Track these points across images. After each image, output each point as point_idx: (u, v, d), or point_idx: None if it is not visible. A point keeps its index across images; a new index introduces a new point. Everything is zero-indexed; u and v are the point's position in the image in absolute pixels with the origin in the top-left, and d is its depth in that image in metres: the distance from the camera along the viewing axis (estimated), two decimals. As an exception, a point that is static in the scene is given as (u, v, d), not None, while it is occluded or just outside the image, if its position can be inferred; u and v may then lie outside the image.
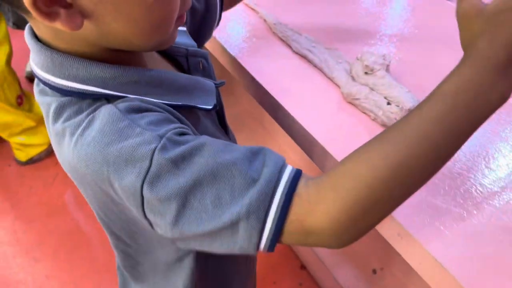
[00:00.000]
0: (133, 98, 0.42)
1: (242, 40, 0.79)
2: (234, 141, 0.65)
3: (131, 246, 0.52)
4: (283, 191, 0.37)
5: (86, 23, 0.37)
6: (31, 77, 1.90)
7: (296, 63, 0.74)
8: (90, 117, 0.40)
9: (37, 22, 0.40)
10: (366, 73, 0.64)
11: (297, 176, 0.38)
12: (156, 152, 0.37)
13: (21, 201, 1.57)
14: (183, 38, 0.56)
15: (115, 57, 0.43)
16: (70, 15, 0.36)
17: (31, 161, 1.63)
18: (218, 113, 0.58)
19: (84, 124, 0.40)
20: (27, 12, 0.36)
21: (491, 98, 0.36)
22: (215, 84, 0.52)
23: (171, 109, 0.44)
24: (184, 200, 0.37)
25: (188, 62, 0.54)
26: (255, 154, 0.40)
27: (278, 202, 0.37)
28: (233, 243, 0.38)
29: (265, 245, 0.38)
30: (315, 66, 0.72)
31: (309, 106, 0.65)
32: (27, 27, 0.43)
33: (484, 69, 0.36)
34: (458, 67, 0.37)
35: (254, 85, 0.71)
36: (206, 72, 0.57)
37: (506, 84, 0.36)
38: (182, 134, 0.40)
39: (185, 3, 0.43)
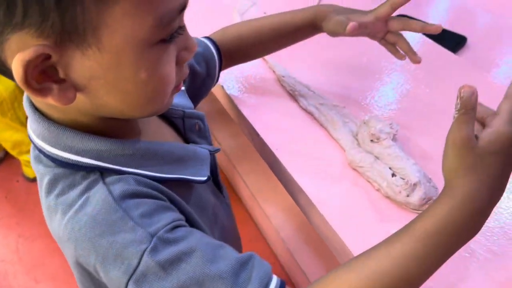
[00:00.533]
0: (128, 178, 0.41)
1: (247, 89, 0.79)
2: (228, 198, 0.64)
3: None
4: None
5: (79, 95, 0.37)
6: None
7: (302, 120, 0.73)
8: (83, 198, 0.39)
9: None
10: (371, 140, 0.63)
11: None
12: (146, 253, 0.37)
13: (26, 218, 1.58)
14: (180, 98, 0.56)
15: (109, 125, 0.43)
16: (63, 89, 0.35)
17: None
18: (212, 174, 0.57)
19: (76, 206, 0.39)
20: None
21: (469, 237, 0.38)
22: (210, 151, 0.52)
23: (164, 188, 0.43)
24: None
25: (184, 124, 0.54)
26: (243, 265, 0.39)
27: None
28: None
29: None
30: (321, 125, 0.71)
31: (311, 168, 0.64)
32: (24, 95, 0.43)
33: (470, 213, 0.37)
34: (441, 204, 0.38)
35: (257, 138, 0.70)
36: (202, 134, 0.57)
37: (483, 222, 0.38)
38: (175, 227, 0.39)
39: (182, 74, 0.43)
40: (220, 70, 0.68)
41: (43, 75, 0.34)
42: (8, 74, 0.35)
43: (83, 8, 0.31)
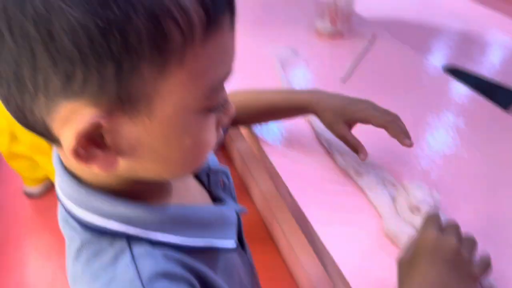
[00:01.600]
0: (156, 253, 0.40)
1: (282, 142, 0.77)
2: (250, 256, 0.61)
3: None
4: None
5: (121, 160, 0.36)
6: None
7: (337, 179, 0.70)
8: (110, 274, 0.38)
9: (64, 152, 0.38)
10: (411, 210, 0.59)
11: None
12: None
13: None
14: None
15: (141, 188, 0.42)
16: (108, 156, 0.35)
17: None
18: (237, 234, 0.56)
19: (103, 280, 0.38)
20: (58, 144, 0.35)
21: None
22: (237, 213, 0.51)
23: (191, 262, 0.41)
24: None
25: (210, 179, 0.54)
26: None
27: None
28: None
29: None
30: (358, 186, 0.68)
31: (343, 234, 0.61)
32: (56, 153, 0.43)
33: None
34: None
35: (289, 197, 0.68)
36: (227, 189, 0.55)
37: None
38: None
39: (219, 136, 0.42)
40: (227, 130, 0.69)
41: (90, 141, 0.33)
42: (50, 139, 0.35)
43: (140, 79, 0.31)
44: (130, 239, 0.40)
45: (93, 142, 0.34)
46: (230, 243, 0.47)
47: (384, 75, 0.97)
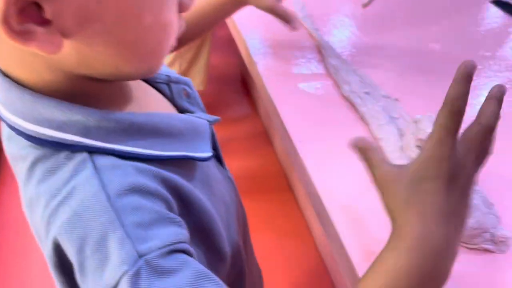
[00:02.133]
0: (126, 166, 0.34)
1: (283, 64, 0.68)
2: (229, 172, 0.55)
3: None
4: None
5: (66, 46, 0.30)
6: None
7: (339, 110, 0.60)
8: (69, 187, 0.33)
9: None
10: (418, 146, 0.49)
11: None
12: (125, 278, 0.30)
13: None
14: None
15: (97, 91, 0.36)
16: (48, 34, 0.28)
17: None
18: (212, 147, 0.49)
19: (60, 197, 0.33)
20: None
21: (439, 279, 0.33)
22: (209, 121, 0.45)
23: (167, 175, 0.36)
24: None
25: (171, 89, 0.47)
26: None
27: None
28: None
29: None
30: (362, 118, 0.58)
31: (337, 171, 0.52)
32: None
33: (423, 257, 0.32)
34: (388, 252, 0.33)
35: (283, 132, 0.60)
36: (192, 100, 0.49)
37: (447, 264, 0.33)
38: (172, 252, 0.32)
39: (180, 26, 0.37)
40: None
41: (24, 13, 0.27)
42: None
43: None
44: (91, 152, 0.34)
45: (27, 15, 0.27)
46: (205, 154, 0.42)
47: (414, 2, 0.85)
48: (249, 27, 0.70)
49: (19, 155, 0.36)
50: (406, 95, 0.61)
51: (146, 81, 0.45)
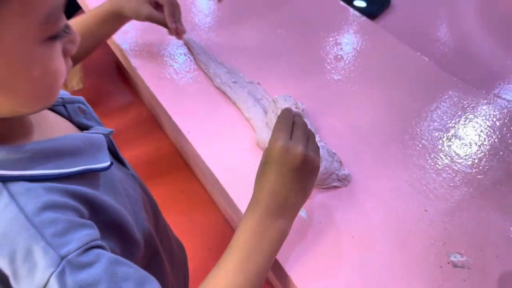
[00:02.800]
0: (36, 188, 0.40)
1: (161, 67, 0.78)
2: (132, 169, 0.64)
3: None
4: None
5: None
6: None
7: (215, 99, 0.73)
8: None
9: None
10: (277, 120, 0.64)
11: None
12: (53, 276, 0.37)
13: None
14: None
15: (0, 128, 0.42)
16: None
17: None
18: (112, 153, 0.58)
19: None
20: None
21: (272, 237, 0.47)
22: (104, 135, 0.52)
23: (74, 188, 0.43)
24: None
25: (67, 109, 0.54)
26: None
27: None
28: None
29: None
30: (234, 103, 0.72)
31: (220, 149, 0.65)
32: None
33: (260, 217, 0.48)
34: (245, 215, 0.49)
35: (169, 121, 0.70)
36: (88, 115, 0.56)
37: (283, 223, 0.48)
38: (88, 249, 0.40)
39: (68, 65, 0.43)
40: None
41: None
42: None
43: None
44: (4, 181, 0.40)
45: None
46: (104, 164, 0.49)
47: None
48: (121, 32, 0.77)
49: None
50: (265, 78, 0.76)
51: None
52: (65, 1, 0.38)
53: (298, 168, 0.49)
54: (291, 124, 0.53)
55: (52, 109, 0.53)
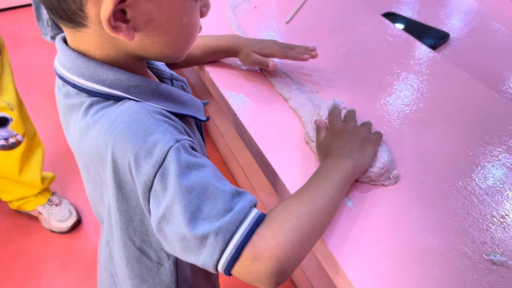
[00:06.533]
0: (151, 104, 0.51)
1: (231, 74, 0.87)
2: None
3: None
4: (248, 224, 0.46)
5: (135, 36, 0.47)
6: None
7: (275, 103, 0.80)
8: (118, 111, 0.48)
9: (81, 37, 0.49)
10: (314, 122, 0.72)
11: (261, 217, 0.48)
12: (171, 150, 0.45)
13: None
14: (165, 67, 0.67)
15: (137, 66, 0.54)
16: (128, 28, 0.46)
17: None
18: (202, 125, 0.69)
19: (114, 116, 0.48)
20: (81, 26, 0.47)
21: (341, 170, 0.59)
22: (202, 102, 0.64)
23: (177, 120, 0.53)
24: (174, 198, 0.45)
25: (173, 84, 0.65)
26: (238, 193, 0.48)
27: (242, 232, 0.45)
28: (198, 255, 0.45)
29: (223, 265, 0.45)
30: (290, 107, 0.79)
31: (277, 143, 0.72)
32: (60, 38, 0.53)
33: (331, 158, 0.61)
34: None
35: (234, 118, 0.78)
36: (187, 93, 0.66)
37: (349, 162, 0.60)
38: (192, 148, 0.49)
39: (200, 25, 0.55)
40: None
41: (115, 16, 0.44)
42: (76, 20, 0.46)
43: None
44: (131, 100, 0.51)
45: (118, 17, 0.45)
46: (204, 118, 0.61)
47: (325, 18, 1.07)
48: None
49: (78, 103, 0.52)
50: (323, 88, 0.83)
51: (157, 76, 0.63)
52: None
53: (355, 134, 0.65)
54: (340, 115, 0.69)
55: (161, 80, 0.64)
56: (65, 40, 0.53)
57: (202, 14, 0.53)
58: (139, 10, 0.45)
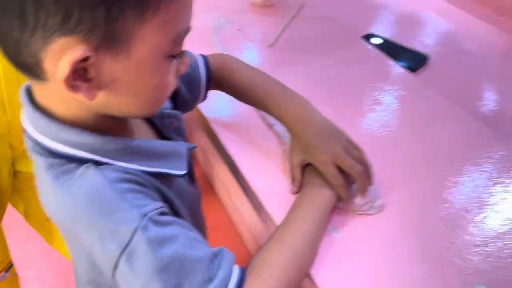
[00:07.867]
0: (118, 168, 0.47)
1: (233, 126, 0.86)
2: (199, 189, 0.70)
3: None
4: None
5: (99, 95, 0.43)
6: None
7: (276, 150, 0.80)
8: (79, 181, 0.45)
9: (44, 89, 0.45)
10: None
11: (243, 273, 0.48)
12: (138, 231, 0.43)
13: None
14: None
15: (106, 122, 0.48)
16: (89, 88, 0.41)
17: None
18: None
19: (74, 188, 0.45)
20: (41, 80, 0.42)
21: (316, 202, 0.61)
22: (187, 148, 0.58)
23: (149, 178, 0.49)
24: (150, 280, 0.43)
25: (162, 122, 0.62)
26: (215, 255, 0.47)
27: None
28: None
29: None
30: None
31: (267, 172, 0.72)
32: (24, 90, 0.48)
33: (305, 190, 0.64)
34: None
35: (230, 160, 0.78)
36: (178, 131, 0.64)
37: (325, 191, 0.62)
38: (162, 213, 0.46)
39: (176, 83, 0.50)
40: (207, 89, 0.74)
41: (76, 74, 0.40)
42: (35, 74, 0.41)
43: (124, 21, 0.38)
44: (96, 164, 0.46)
45: (79, 76, 0.40)
46: (181, 171, 0.55)
47: (307, 41, 1.08)
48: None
49: (41, 161, 0.48)
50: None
51: None
52: (190, 26, 0.46)
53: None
54: None
55: (149, 119, 0.61)
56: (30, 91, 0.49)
57: (178, 72, 0.49)
58: (103, 69, 0.41)
